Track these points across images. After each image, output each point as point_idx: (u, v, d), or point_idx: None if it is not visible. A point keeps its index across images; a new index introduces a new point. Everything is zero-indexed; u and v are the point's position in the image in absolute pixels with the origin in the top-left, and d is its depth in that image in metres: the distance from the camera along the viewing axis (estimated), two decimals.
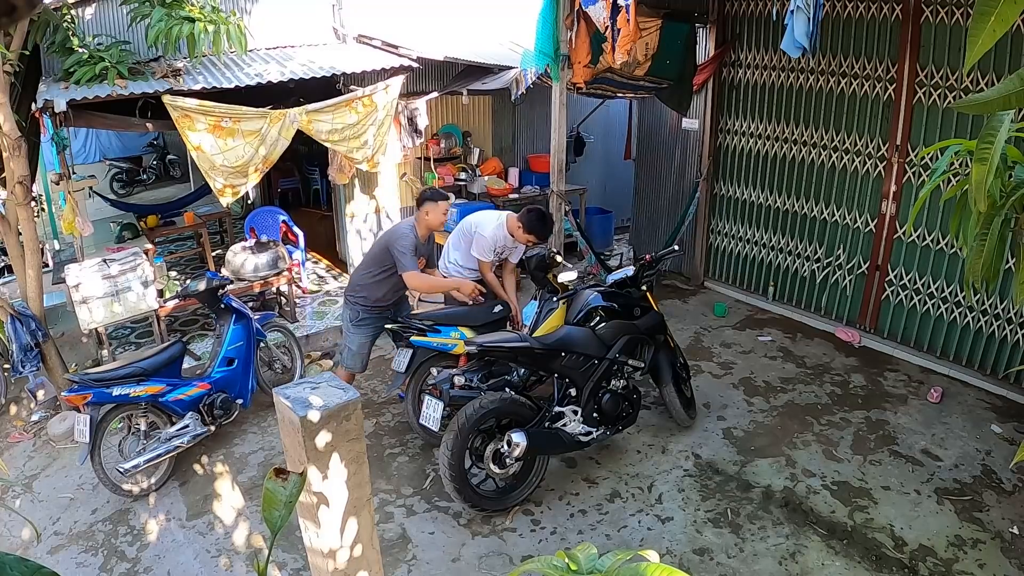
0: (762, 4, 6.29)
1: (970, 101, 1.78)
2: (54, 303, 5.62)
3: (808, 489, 4.19)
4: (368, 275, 4.51)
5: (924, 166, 5.39)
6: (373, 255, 4.57)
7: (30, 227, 4.68)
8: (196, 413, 4.42)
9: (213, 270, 6.54)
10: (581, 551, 1.55)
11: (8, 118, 4.34)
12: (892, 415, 4.96)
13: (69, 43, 5.11)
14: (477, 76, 6.59)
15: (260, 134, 5.26)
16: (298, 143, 6.09)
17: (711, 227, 7.29)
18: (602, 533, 3.86)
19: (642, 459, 4.50)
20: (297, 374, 5.34)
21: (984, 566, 3.58)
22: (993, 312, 5.21)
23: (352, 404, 1.90)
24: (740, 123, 6.75)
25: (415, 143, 6.71)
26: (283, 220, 7.18)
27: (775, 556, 3.67)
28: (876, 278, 5.92)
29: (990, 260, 2.15)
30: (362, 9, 6.90)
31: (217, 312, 4.75)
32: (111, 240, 7.02)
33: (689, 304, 7.01)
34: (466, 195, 7.59)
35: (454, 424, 3.78)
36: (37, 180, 5.76)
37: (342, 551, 1.95)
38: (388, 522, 3.93)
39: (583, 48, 5.39)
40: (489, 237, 4.75)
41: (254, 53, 6.06)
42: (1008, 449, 4.54)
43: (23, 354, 4.65)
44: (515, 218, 4.74)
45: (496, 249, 4.82)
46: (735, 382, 5.45)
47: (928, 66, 5.20)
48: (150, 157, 11.82)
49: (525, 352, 3.94)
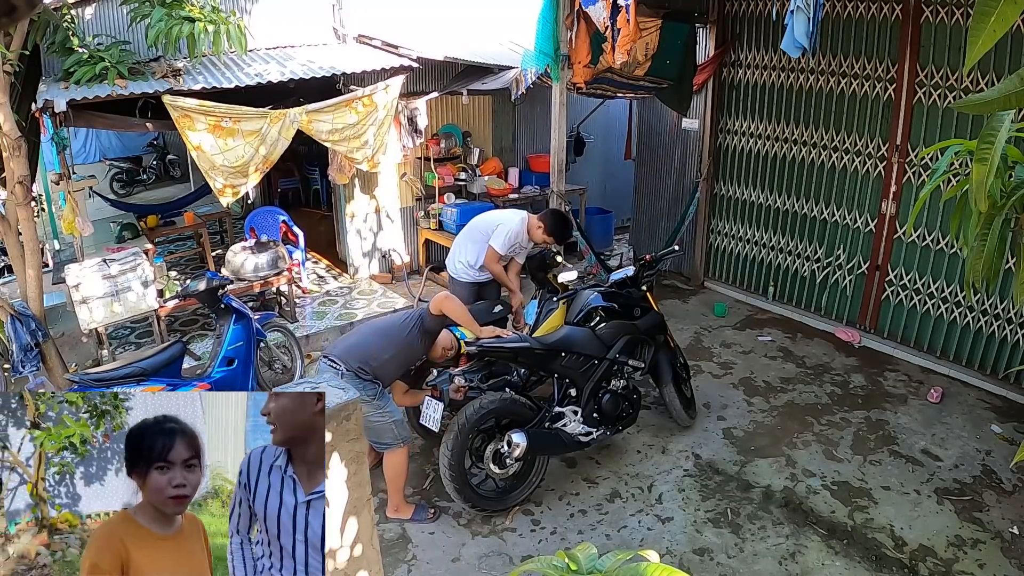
0: (762, 4, 6.29)
1: (970, 101, 1.79)
2: (54, 303, 5.61)
3: (808, 489, 4.19)
4: (384, 352, 3.80)
5: (924, 166, 5.39)
6: (391, 332, 3.88)
7: (30, 227, 4.68)
8: None
9: (213, 270, 6.54)
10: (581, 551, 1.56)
11: (8, 118, 4.34)
12: (892, 415, 4.96)
13: (69, 43, 5.11)
14: (477, 76, 6.59)
15: (260, 134, 5.26)
16: (298, 143, 6.09)
17: (711, 227, 7.29)
18: (602, 533, 3.85)
19: (642, 459, 4.50)
20: (297, 374, 5.34)
21: (984, 566, 3.58)
22: (993, 312, 5.21)
23: (352, 404, 1.90)
24: (740, 123, 6.75)
25: (415, 143, 6.72)
26: (283, 220, 7.17)
27: (775, 556, 3.67)
28: (876, 278, 5.92)
29: (990, 260, 2.15)
30: (362, 9, 6.90)
31: (217, 312, 4.74)
32: (111, 240, 7.01)
33: (689, 304, 7.01)
34: (466, 195, 7.59)
35: (454, 424, 3.77)
36: (37, 180, 5.76)
37: (342, 551, 1.95)
38: (388, 522, 3.93)
39: (583, 48, 5.39)
40: (512, 231, 4.74)
41: (254, 53, 6.06)
42: (1008, 449, 4.54)
43: (23, 354, 4.64)
44: (536, 218, 4.77)
45: (513, 246, 4.82)
46: (735, 382, 5.45)
47: (928, 66, 5.19)
48: (150, 157, 11.82)
49: (525, 352, 3.94)
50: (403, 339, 3.82)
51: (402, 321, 3.89)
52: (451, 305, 3.84)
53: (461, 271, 5.02)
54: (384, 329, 3.90)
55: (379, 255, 7.42)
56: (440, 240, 7.13)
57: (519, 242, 4.86)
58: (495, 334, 3.97)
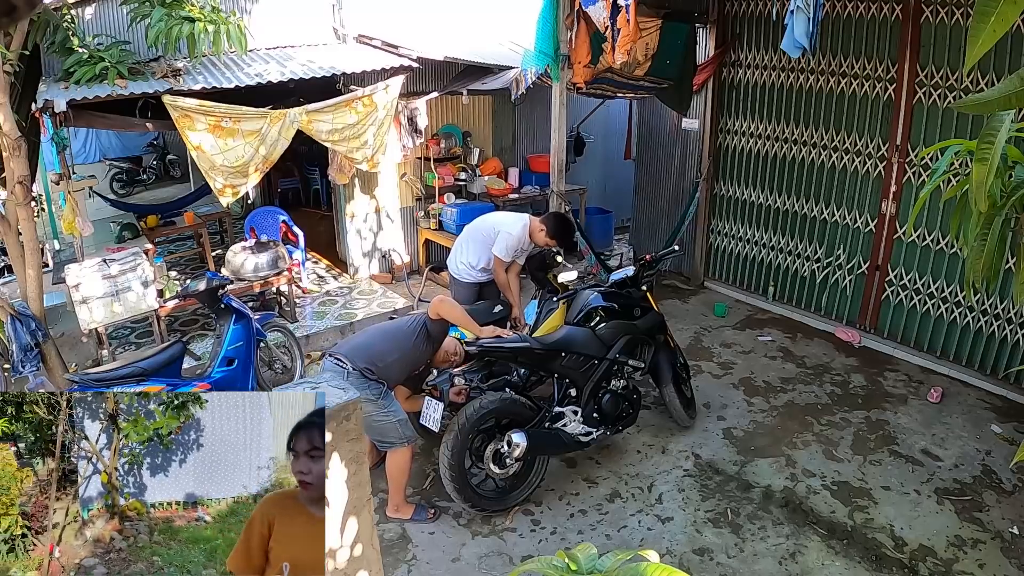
0: (762, 4, 6.29)
1: (970, 101, 1.79)
2: (54, 303, 5.61)
3: (808, 489, 4.19)
4: (390, 355, 3.80)
5: (924, 166, 5.39)
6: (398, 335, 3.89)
7: (30, 227, 4.67)
8: None
9: (213, 270, 6.53)
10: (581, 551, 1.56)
11: (8, 118, 4.34)
12: (892, 415, 4.96)
13: (69, 43, 5.11)
14: (477, 76, 6.59)
15: (260, 134, 5.26)
16: (298, 143, 6.08)
17: (711, 227, 7.29)
18: (602, 533, 3.85)
19: (642, 459, 4.50)
20: (297, 374, 5.34)
21: (984, 566, 3.58)
22: (993, 312, 5.21)
23: (352, 404, 1.90)
24: (740, 123, 6.75)
25: (415, 143, 6.72)
26: (283, 220, 7.18)
27: (775, 556, 3.67)
28: (876, 278, 5.92)
29: (990, 260, 2.15)
30: (362, 9, 6.90)
31: (217, 312, 4.74)
32: (111, 240, 7.01)
33: (689, 304, 7.01)
34: (466, 195, 7.60)
35: (454, 424, 3.78)
36: (37, 180, 5.76)
37: (342, 551, 1.95)
38: (388, 522, 3.93)
39: (583, 48, 5.39)
40: (515, 237, 4.75)
41: (254, 53, 6.05)
42: (1008, 449, 4.54)
43: (23, 354, 4.64)
44: (538, 221, 4.77)
45: (515, 251, 4.83)
46: (735, 382, 5.45)
47: (928, 66, 5.19)
48: (150, 157, 11.82)
49: (525, 352, 3.94)
50: (410, 344, 3.83)
51: (408, 326, 3.89)
52: (448, 308, 3.85)
53: (463, 271, 5.02)
54: (391, 332, 3.90)
55: (379, 255, 7.42)
56: (440, 240, 7.13)
57: (521, 246, 4.87)
58: (495, 334, 3.96)
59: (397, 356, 3.78)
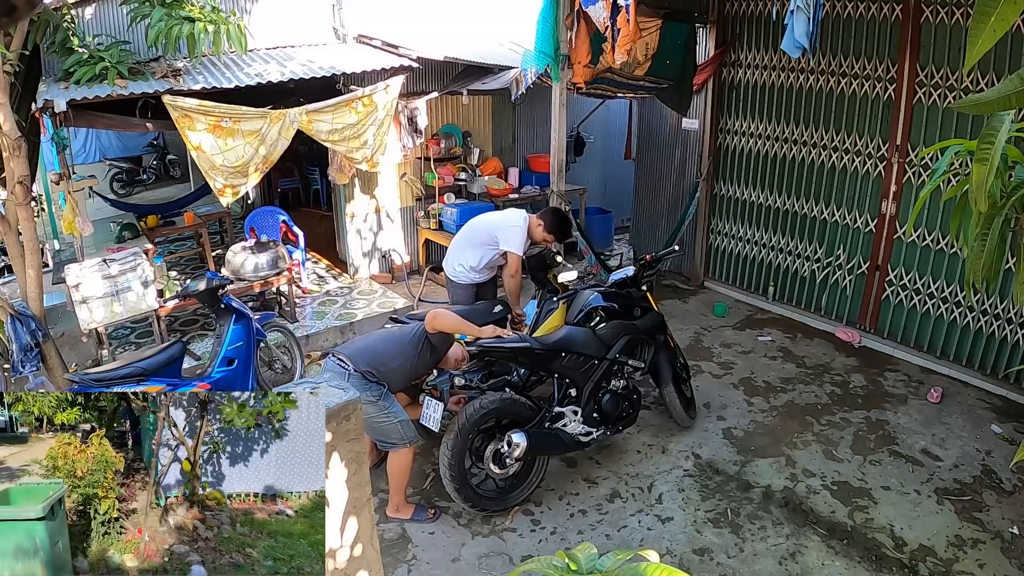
0: (762, 4, 6.29)
1: (970, 101, 1.79)
2: (54, 303, 5.61)
3: (808, 489, 4.19)
4: (393, 360, 3.81)
5: (924, 166, 5.39)
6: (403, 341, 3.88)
7: (30, 227, 4.67)
8: None
9: (213, 270, 6.54)
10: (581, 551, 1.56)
11: (8, 118, 4.34)
12: (892, 415, 4.96)
13: (69, 43, 5.11)
14: (477, 76, 6.59)
15: (260, 134, 5.26)
16: (298, 143, 6.08)
17: (711, 227, 7.29)
18: (602, 533, 3.86)
19: (642, 459, 4.50)
20: (297, 374, 5.34)
21: (984, 566, 3.58)
22: (993, 312, 5.21)
23: (352, 404, 1.90)
24: (740, 123, 6.75)
25: (415, 143, 6.71)
26: (283, 220, 7.17)
27: (775, 556, 3.67)
28: (876, 278, 5.92)
29: (990, 260, 2.15)
30: (362, 9, 6.89)
31: (217, 312, 4.74)
32: (111, 240, 7.01)
33: (689, 304, 7.01)
34: (466, 195, 7.59)
35: (454, 424, 3.78)
36: (37, 180, 5.76)
37: (342, 551, 1.95)
38: (388, 522, 3.93)
39: (583, 48, 5.39)
40: (523, 230, 4.72)
41: (254, 53, 6.05)
42: (1008, 449, 4.54)
43: (23, 354, 4.64)
44: (535, 216, 4.76)
45: (528, 242, 4.81)
46: (735, 382, 5.45)
47: (928, 66, 5.20)
48: (150, 157, 11.81)
49: (525, 352, 3.94)
50: (414, 353, 3.81)
51: (412, 336, 3.87)
52: (443, 321, 3.81)
53: (460, 274, 4.98)
54: (396, 339, 3.89)
55: (379, 255, 7.42)
56: (440, 240, 7.13)
57: (527, 240, 4.85)
58: (495, 334, 3.95)
59: (400, 363, 3.77)
